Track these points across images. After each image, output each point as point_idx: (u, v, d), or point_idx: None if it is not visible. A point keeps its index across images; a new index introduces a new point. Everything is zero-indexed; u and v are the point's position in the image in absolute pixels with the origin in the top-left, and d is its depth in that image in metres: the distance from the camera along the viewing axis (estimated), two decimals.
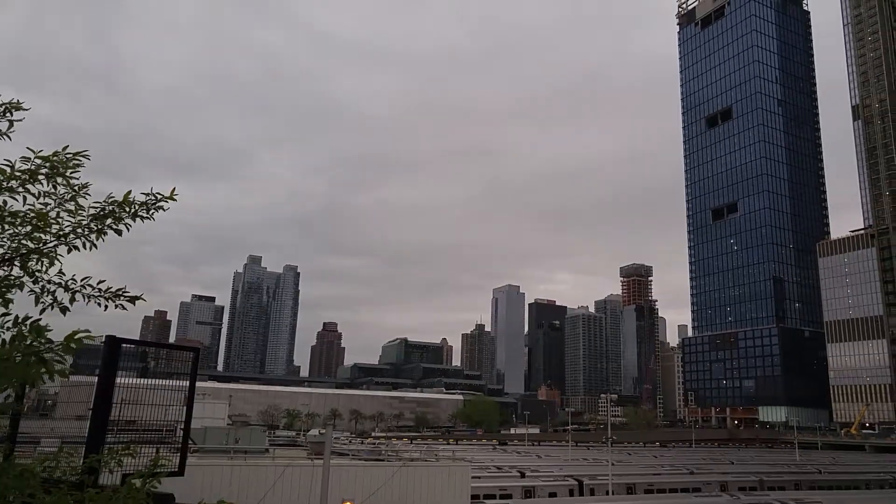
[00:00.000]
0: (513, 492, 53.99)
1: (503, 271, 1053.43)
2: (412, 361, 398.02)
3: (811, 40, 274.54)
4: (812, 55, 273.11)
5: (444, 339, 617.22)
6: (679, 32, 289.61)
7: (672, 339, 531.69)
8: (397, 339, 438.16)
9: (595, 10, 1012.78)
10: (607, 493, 58.36)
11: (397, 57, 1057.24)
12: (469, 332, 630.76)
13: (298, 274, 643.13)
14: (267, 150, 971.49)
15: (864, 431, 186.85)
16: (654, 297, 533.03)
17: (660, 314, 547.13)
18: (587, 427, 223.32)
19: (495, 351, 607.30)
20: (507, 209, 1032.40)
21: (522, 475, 61.36)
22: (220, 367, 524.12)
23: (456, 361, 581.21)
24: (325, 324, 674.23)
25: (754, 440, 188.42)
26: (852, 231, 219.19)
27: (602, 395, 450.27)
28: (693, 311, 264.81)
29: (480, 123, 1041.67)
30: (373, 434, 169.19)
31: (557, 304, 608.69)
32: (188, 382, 12.61)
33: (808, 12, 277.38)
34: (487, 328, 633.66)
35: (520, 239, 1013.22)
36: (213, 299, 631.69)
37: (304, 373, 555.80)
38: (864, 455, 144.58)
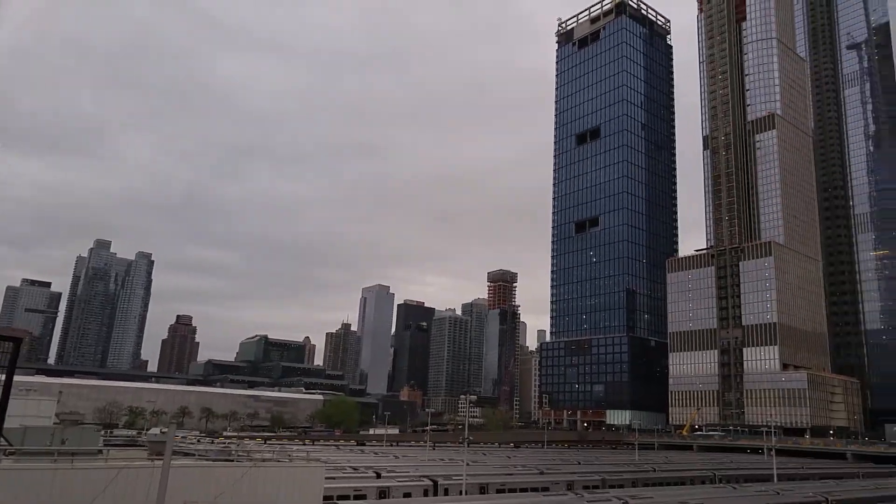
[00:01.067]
0: (367, 492, 53.20)
1: (374, 271, 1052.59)
2: (272, 360, 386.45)
3: (672, 72, 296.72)
4: (673, 86, 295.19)
5: (308, 337, 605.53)
6: (558, 51, 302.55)
7: (532, 343, 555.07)
8: (257, 336, 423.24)
9: (486, 24, 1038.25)
10: (461, 493, 59.00)
11: (285, 47, 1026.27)
12: (334, 331, 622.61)
13: (152, 262, 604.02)
14: (127, 129, 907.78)
15: (694, 433, 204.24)
16: (517, 303, 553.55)
17: (522, 319, 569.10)
18: (446, 428, 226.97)
19: (360, 351, 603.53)
20: (383, 209, 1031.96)
21: (378, 476, 60.62)
22: (51, 360, 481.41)
23: (319, 361, 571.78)
24: (178, 317, 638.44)
25: (601, 441, 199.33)
26: (697, 250, 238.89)
27: (462, 396, 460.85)
28: (552, 318, 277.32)
29: (364, 122, 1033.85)
30: (224, 433, 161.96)
31: (426, 305, 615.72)
32: (4, 376, 10.96)
33: (671, 46, 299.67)
34: (354, 328, 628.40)
35: (394, 240, 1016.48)
36: (48, 285, 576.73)
37: (153, 368, 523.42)
38: (692, 454, 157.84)
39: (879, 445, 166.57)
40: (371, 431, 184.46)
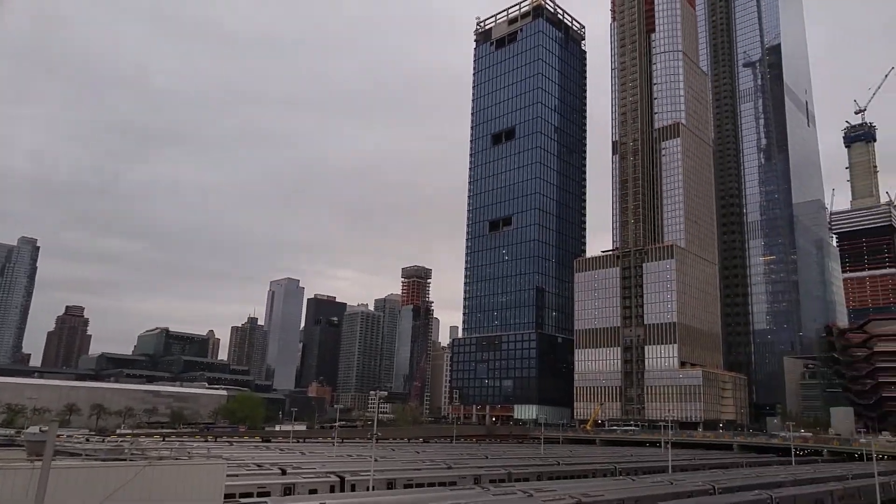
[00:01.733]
0: (272, 489, 51.64)
1: (283, 264, 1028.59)
2: (172, 353, 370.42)
3: (586, 78, 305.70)
4: (586, 91, 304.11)
5: (212, 331, 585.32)
6: (475, 49, 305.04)
7: (444, 339, 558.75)
8: (157, 328, 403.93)
9: (404, 19, 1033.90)
10: (368, 488, 58.33)
11: (197, 28, 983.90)
12: (241, 324, 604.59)
13: (38, 248, 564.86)
14: (5, 102, 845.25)
15: (598, 427, 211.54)
16: (431, 299, 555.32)
17: (435, 315, 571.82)
18: (355, 424, 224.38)
19: (267, 346, 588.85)
20: (295, 201, 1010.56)
21: (283, 472, 59.02)
22: None
23: (223, 355, 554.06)
24: (67, 307, 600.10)
25: (508, 436, 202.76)
26: (603, 251, 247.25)
27: (372, 392, 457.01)
28: (465, 314, 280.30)
29: (279, 111, 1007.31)
30: (117, 431, 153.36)
31: (337, 300, 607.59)
32: None
33: (586, 52, 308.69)
34: (261, 322, 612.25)
35: (305, 232, 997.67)
36: None
37: (36, 362, 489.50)
38: (595, 448, 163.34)
39: (761, 437, 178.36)
40: (277, 428, 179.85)
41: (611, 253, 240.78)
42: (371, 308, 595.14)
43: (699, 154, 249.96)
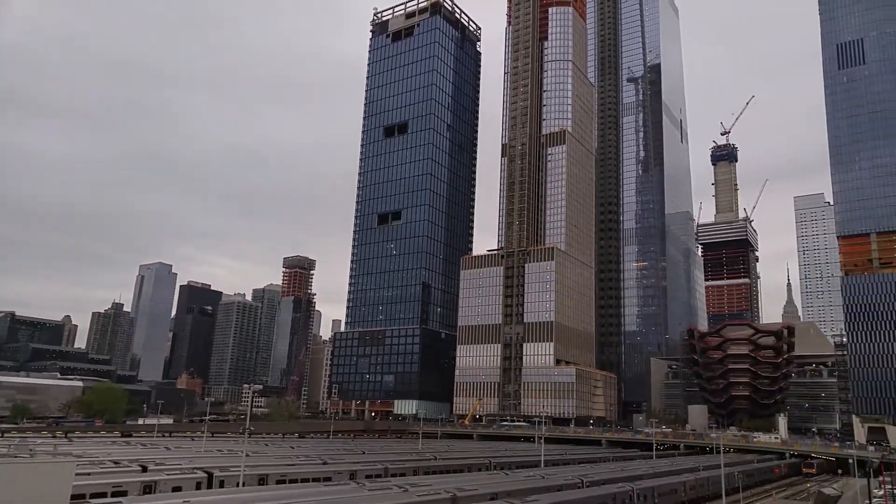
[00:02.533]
0: (129, 488, 47.68)
1: (155, 248, 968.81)
2: (19, 340, 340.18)
3: (479, 79, 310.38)
4: (479, 91, 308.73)
5: (68, 316, 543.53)
6: (372, 40, 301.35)
7: (326, 333, 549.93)
8: (2, 312, 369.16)
9: (304, 3, 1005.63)
10: (238, 484, 55.79)
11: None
12: (103, 311, 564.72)
13: None
14: None
15: (475, 422, 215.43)
16: (313, 291, 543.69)
17: (317, 308, 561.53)
18: (227, 418, 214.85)
19: (133, 334, 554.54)
20: (168, 180, 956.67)
21: (144, 469, 55.03)
22: None
23: (81, 343, 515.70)
24: None
25: (387, 431, 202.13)
26: (489, 250, 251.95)
27: (246, 386, 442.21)
28: (348, 308, 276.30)
29: (159, 86, 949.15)
30: None
31: (213, 288, 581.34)
32: None
33: (481, 54, 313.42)
34: (127, 308, 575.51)
35: (179, 214, 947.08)
36: None
37: None
38: (473, 443, 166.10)
39: (627, 433, 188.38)
40: (141, 422, 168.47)
41: (496, 252, 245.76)
42: (249, 298, 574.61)
43: (582, 161, 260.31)
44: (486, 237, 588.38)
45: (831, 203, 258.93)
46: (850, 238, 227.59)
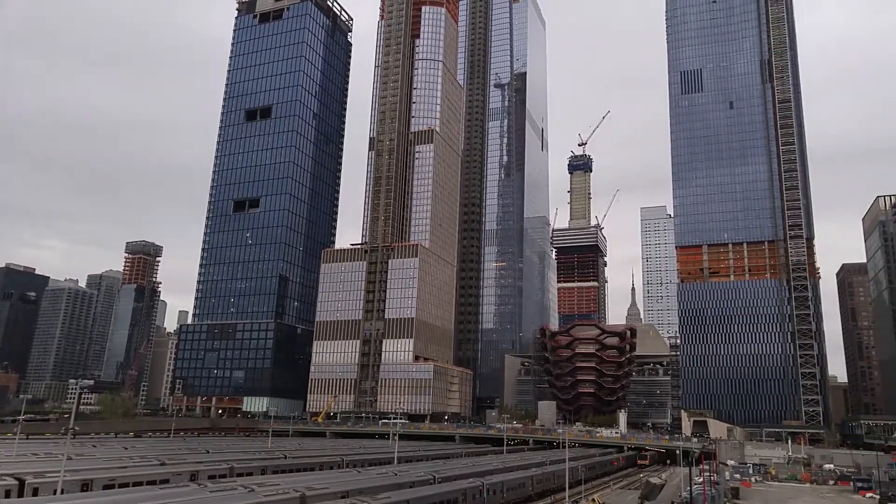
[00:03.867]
0: None
1: None
2: None
3: (349, 70, 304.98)
4: (348, 83, 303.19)
5: None
6: (237, 19, 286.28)
7: (171, 325, 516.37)
8: None
9: None
10: (56, 492, 49.56)
11: None
12: None
13: None
14: None
15: (330, 420, 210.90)
16: (158, 280, 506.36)
17: (163, 298, 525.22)
18: (48, 417, 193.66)
19: None
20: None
21: None
22: None
23: None
24: None
25: (235, 429, 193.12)
26: (352, 244, 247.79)
27: (73, 381, 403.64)
28: (197, 299, 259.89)
29: None
30: None
31: (38, 272, 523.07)
32: None
33: (352, 45, 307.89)
34: None
35: (5, 191, 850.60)
36: None
37: None
38: (326, 440, 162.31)
39: (480, 428, 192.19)
40: None
41: (359, 247, 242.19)
42: (83, 284, 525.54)
43: (449, 161, 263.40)
44: (350, 231, 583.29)
45: (672, 216, 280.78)
46: (686, 248, 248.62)
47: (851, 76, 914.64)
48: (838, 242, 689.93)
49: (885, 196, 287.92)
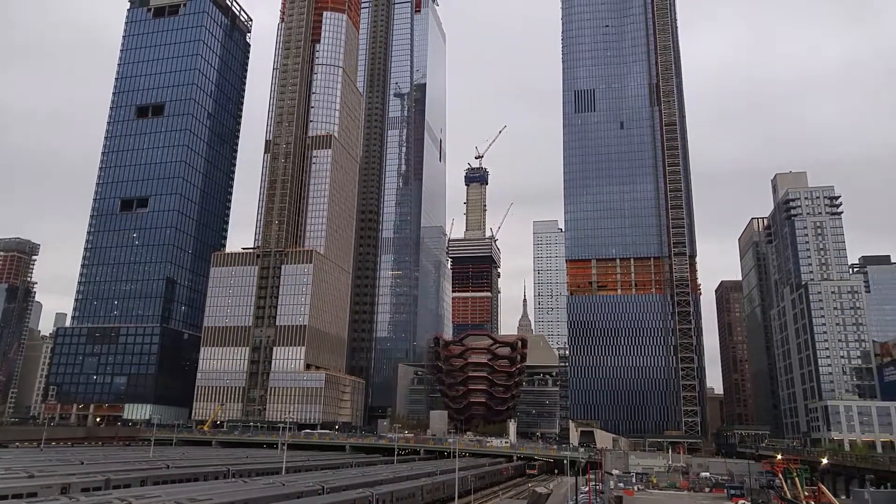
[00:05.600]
0: None
1: None
2: None
3: (247, 71, 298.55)
4: (245, 84, 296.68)
5: None
6: (130, 11, 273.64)
7: (48, 327, 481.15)
8: None
9: None
10: None
11: None
12: None
13: None
14: None
15: (216, 428, 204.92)
16: (34, 279, 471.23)
17: (38, 299, 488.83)
18: None
19: None
20: None
21: None
22: None
23: None
24: None
25: (114, 438, 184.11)
26: (244, 248, 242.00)
27: None
28: (77, 301, 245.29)
29: None
30: None
31: None
32: None
33: (250, 45, 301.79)
34: None
35: None
36: None
37: None
38: (211, 449, 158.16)
39: (371, 438, 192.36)
40: None
41: (251, 251, 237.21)
42: None
43: (347, 168, 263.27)
44: (242, 235, 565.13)
45: (563, 230, 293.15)
46: (576, 262, 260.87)
47: (730, 103, 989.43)
48: (718, 260, 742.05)
49: (758, 218, 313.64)
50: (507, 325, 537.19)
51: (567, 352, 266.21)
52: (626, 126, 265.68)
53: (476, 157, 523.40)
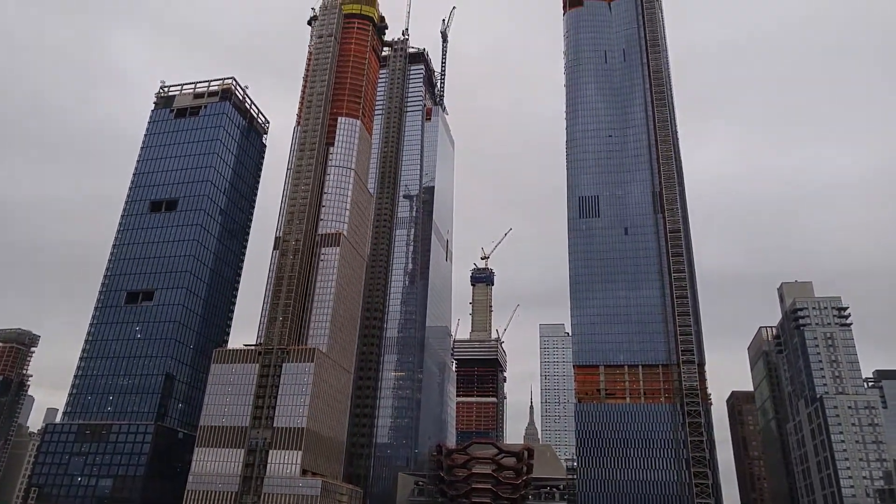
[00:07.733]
0: None
1: None
2: None
3: (261, 169, 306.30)
4: (259, 182, 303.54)
5: None
6: (153, 112, 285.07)
7: (38, 423, 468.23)
8: None
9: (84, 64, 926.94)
10: None
11: None
12: None
13: None
14: None
15: None
16: (30, 372, 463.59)
17: (31, 392, 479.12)
18: None
19: None
20: None
21: None
22: None
23: None
24: None
25: None
26: (246, 345, 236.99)
27: None
28: (71, 395, 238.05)
29: None
30: None
31: None
32: None
33: (266, 146, 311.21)
34: None
35: None
36: None
37: None
38: None
39: None
40: None
41: (253, 348, 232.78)
42: None
43: (354, 266, 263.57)
44: (245, 331, 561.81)
45: (570, 334, 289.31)
46: (583, 368, 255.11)
47: (734, 212, 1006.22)
48: (728, 369, 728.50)
49: (766, 327, 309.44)
50: (513, 433, 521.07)
51: (575, 463, 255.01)
52: (630, 232, 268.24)
53: (482, 258, 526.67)
